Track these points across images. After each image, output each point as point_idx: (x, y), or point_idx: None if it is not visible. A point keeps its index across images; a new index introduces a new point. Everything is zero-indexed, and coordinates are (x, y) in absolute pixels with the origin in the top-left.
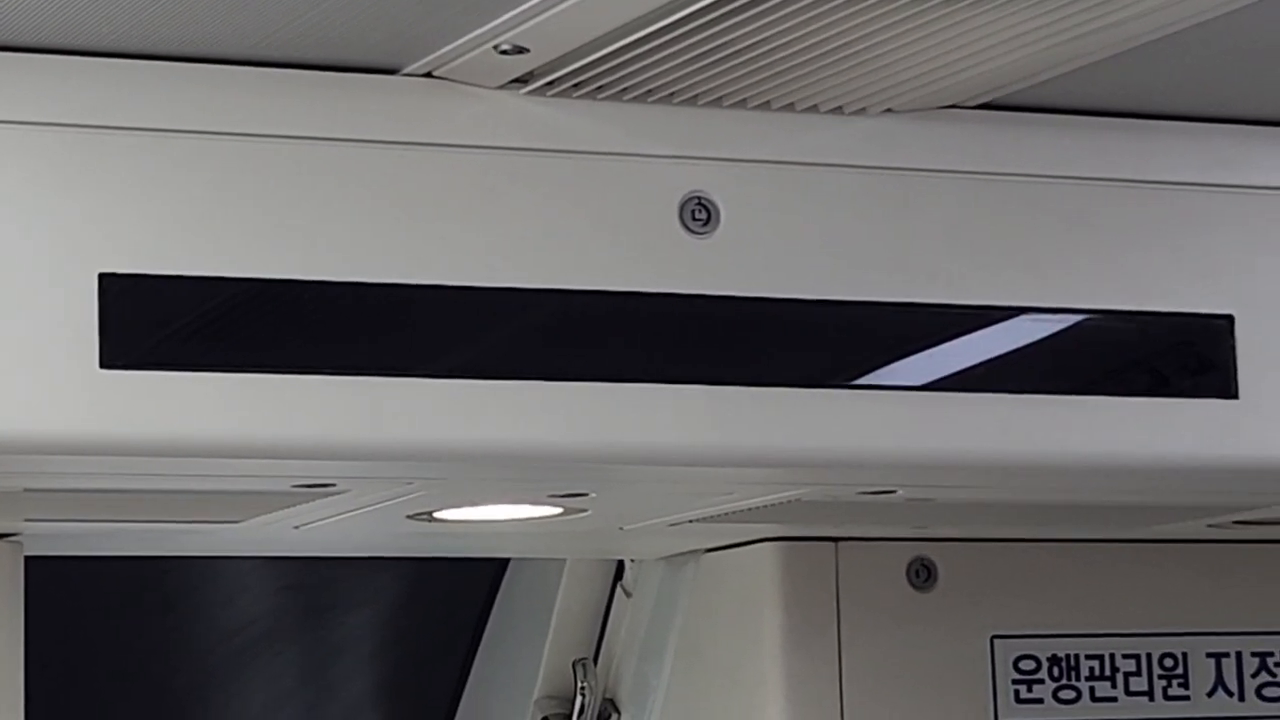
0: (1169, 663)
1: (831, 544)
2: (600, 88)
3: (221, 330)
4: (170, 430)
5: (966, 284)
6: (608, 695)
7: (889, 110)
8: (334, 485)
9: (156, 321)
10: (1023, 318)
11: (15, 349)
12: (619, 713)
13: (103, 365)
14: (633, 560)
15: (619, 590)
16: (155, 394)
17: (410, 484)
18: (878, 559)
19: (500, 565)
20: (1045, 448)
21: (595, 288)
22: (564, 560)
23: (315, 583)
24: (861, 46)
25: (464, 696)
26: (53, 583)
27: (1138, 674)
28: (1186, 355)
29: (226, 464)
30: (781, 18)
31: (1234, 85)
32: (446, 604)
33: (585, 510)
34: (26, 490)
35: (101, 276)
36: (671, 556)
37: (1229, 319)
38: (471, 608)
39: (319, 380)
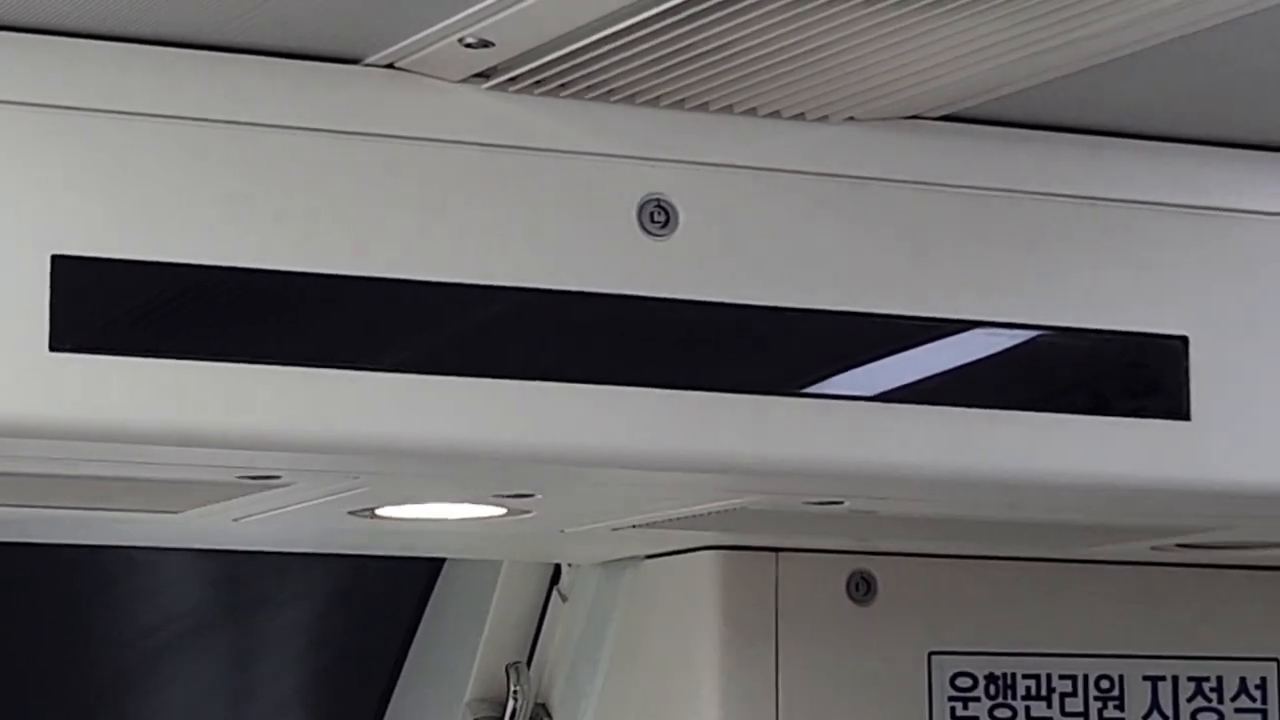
0: (1105, 684)
1: (772, 554)
2: (563, 85)
3: (173, 316)
4: (118, 415)
5: (921, 296)
6: (540, 700)
7: (851, 119)
8: (279, 477)
9: (108, 305)
10: (977, 331)
11: None
12: (551, 718)
13: (52, 348)
14: (569, 565)
15: (555, 594)
16: (104, 378)
17: (356, 479)
18: (818, 571)
19: (434, 566)
20: (995, 463)
21: (551, 286)
22: (500, 563)
23: (245, 578)
24: (825, 54)
25: (394, 697)
26: None
27: (1074, 694)
28: (1139, 375)
29: (172, 452)
30: (746, 22)
31: (1196, 106)
32: (379, 603)
33: (529, 512)
34: None
35: (54, 258)
36: (609, 562)
37: (1183, 340)
38: (404, 608)
39: (268, 370)
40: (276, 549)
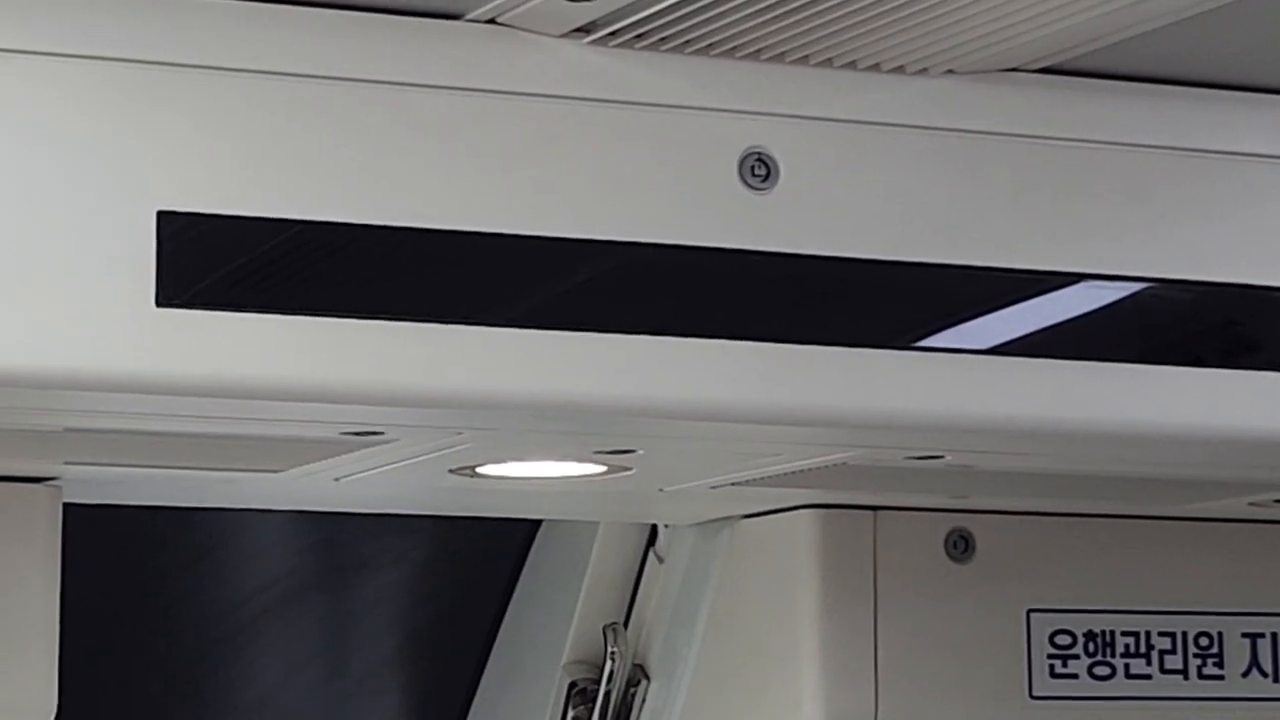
0: (1204, 642)
1: (870, 513)
2: (663, 39)
3: (278, 272)
4: (224, 370)
5: (1023, 248)
6: (637, 661)
7: (950, 71)
8: (382, 434)
9: (214, 261)
10: (1079, 284)
11: (71, 284)
12: (649, 679)
13: (159, 304)
14: (666, 525)
15: (651, 555)
16: (211, 333)
17: (459, 434)
18: (916, 529)
19: (531, 528)
20: (1097, 415)
21: (653, 240)
22: (596, 524)
23: (344, 541)
24: (923, 5)
25: (490, 659)
26: (83, 530)
27: (1173, 652)
28: (1243, 327)
29: (277, 407)
30: None
31: None
32: (476, 566)
33: (629, 469)
34: (68, 430)
35: (160, 214)
36: (706, 523)
37: None
38: (501, 570)
39: (373, 325)
40: (376, 510)
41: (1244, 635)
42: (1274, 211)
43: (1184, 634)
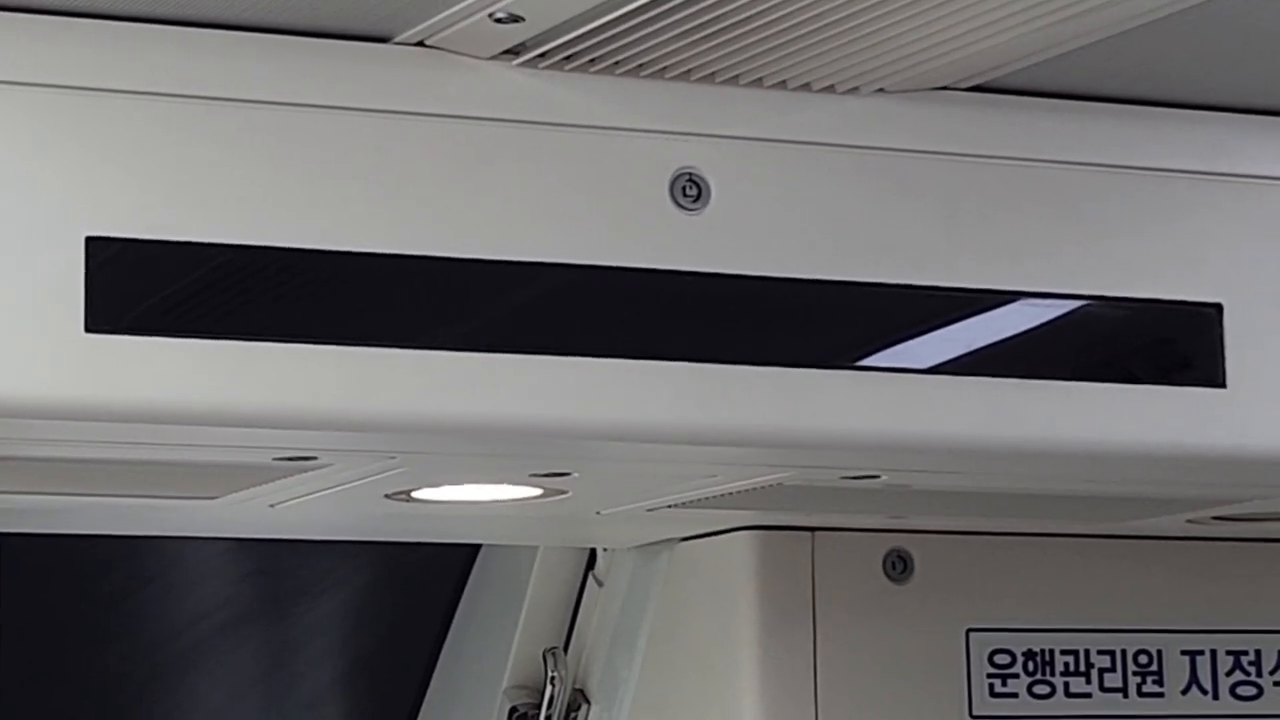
0: (1144, 659)
1: (808, 534)
2: (593, 60)
3: (208, 297)
4: (155, 396)
5: (954, 267)
6: (578, 685)
7: (881, 90)
8: (315, 458)
9: (143, 286)
10: (1013, 303)
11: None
12: (589, 703)
13: (88, 329)
14: (605, 549)
15: (591, 579)
16: (141, 359)
17: (393, 458)
18: (854, 550)
19: (470, 553)
20: (1032, 433)
21: (585, 262)
22: (535, 549)
23: (282, 568)
24: (854, 24)
25: (431, 685)
26: (17, 561)
27: (1112, 670)
28: (1175, 343)
29: (209, 433)
30: None
31: (1228, 72)
32: (415, 591)
33: (565, 492)
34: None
35: (88, 240)
36: (644, 546)
37: (1218, 307)
38: (440, 596)
39: (304, 349)
40: (313, 537)
41: (1183, 653)
42: (1205, 227)
43: (1123, 652)
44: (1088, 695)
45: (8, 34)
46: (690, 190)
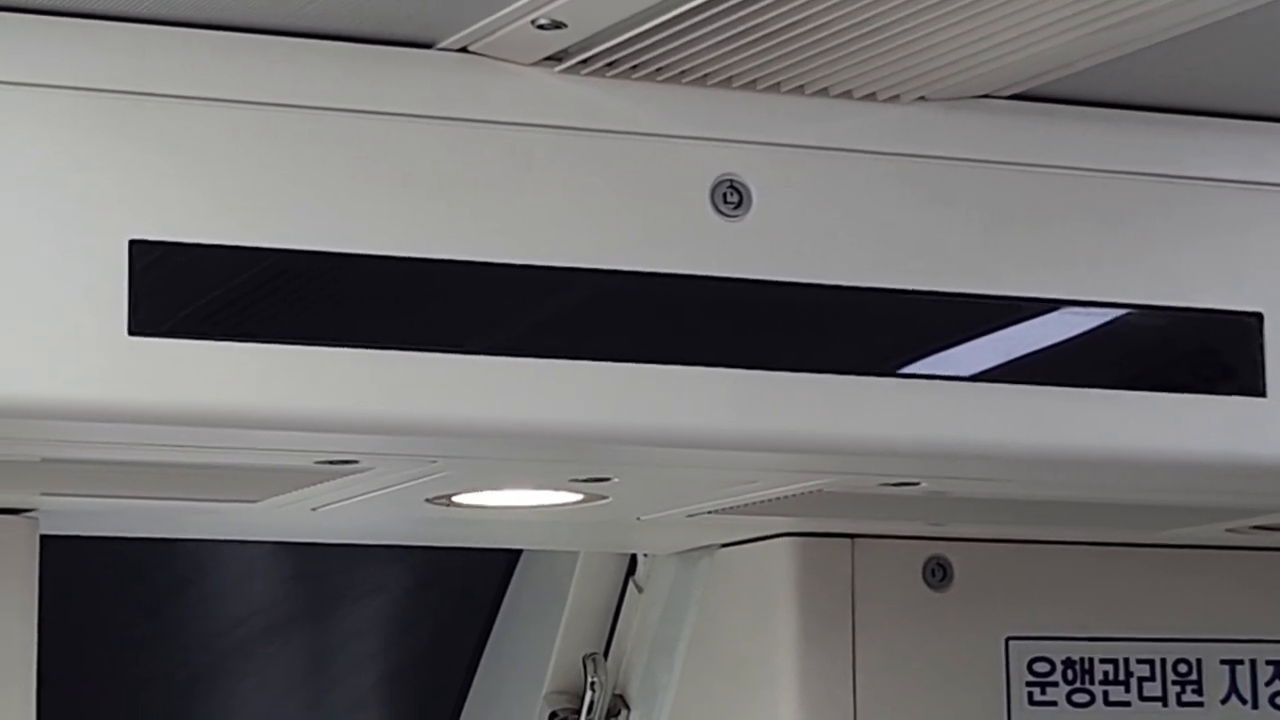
0: (1183, 668)
1: (848, 541)
2: (635, 67)
3: (251, 300)
4: (197, 399)
5: (994, 275)
6: (618, 691)
7: (922, 98)
8: (357, 462)
9: (186, 289)
10: (1055, 311)
11: (44, 314)
12: (629, 709)
13: (131, 332)
14: (645, 555)
15: (631, 585)
16: (183, 362)
17: (434, 463)
18: (894, 557)
19: (511, 559)
20: (1072, 441)
21: (625, 268)
22: (576, 554)
23: (324, 572)
24: (896, 32)
25: (472, 690)
26: (60, 563)
27: (1152, 679)
28: (1215, 352)
29: (251, 435)
30: (817, 1)
31: (1270, 81)
32: (457, 596)
33: (605, 497)
34: (45, 461)
35: (132, 243)
36: (685, 552)
37: (1259, 317)
38: (482, 601)
39: (346, 353)
40: (354, 541)
41: (1223, 662)
42: (1247, 237)
43: (1163, 661)
44: (1127, 704)
45: (53, 39)
46: (731, 197)
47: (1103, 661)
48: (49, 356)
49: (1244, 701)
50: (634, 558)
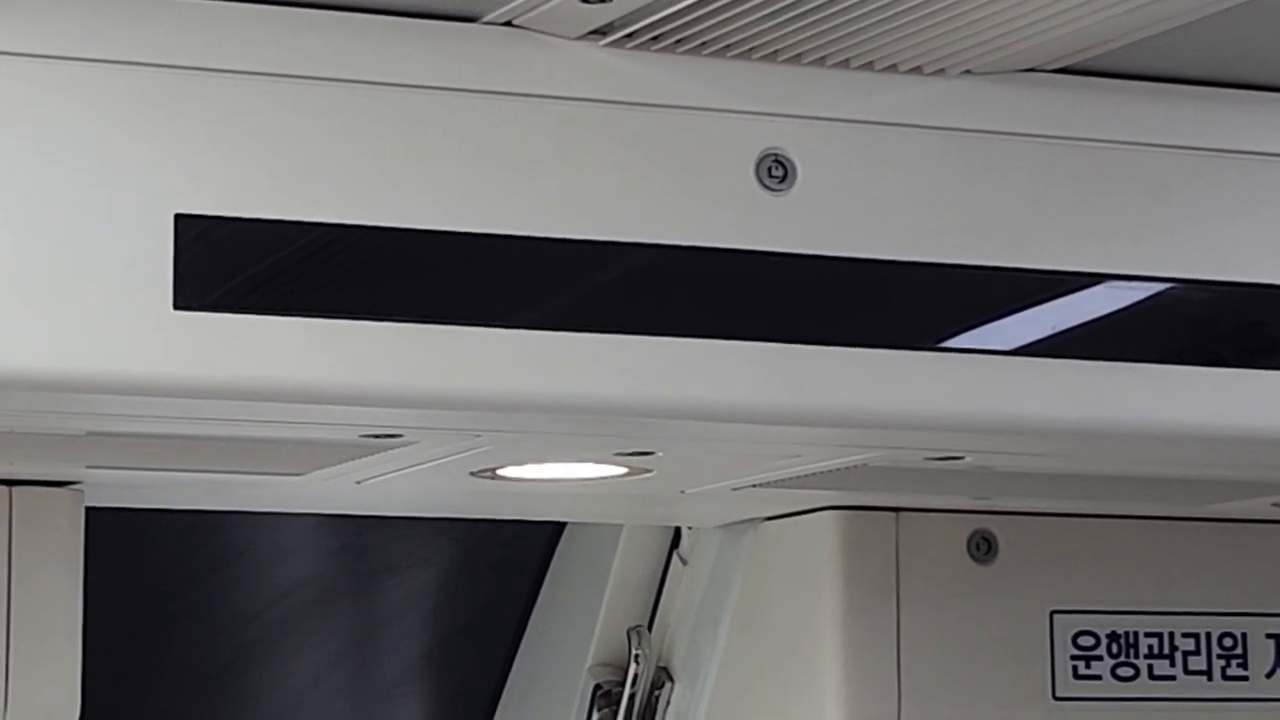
0: (1228, 643)
1: (892, 514)
2: (679, 41)
3: (296, 274)
4: (242, 373)
5: (1044, 249)
6: (661, 664)
7: (968, 72)
8: (401, 435)
9: (232, 264)
10: (1100, 285)
11: (89, 288)
12: (673, 681)
13: (176, 306)
14: (690, 528)
15: (675, 558)
16: (228, 336)
17: (478, 436)
18: (938, 531)
19: (555, 531)
20: (1116, 415)
21: (669, 242)
22: (620, 527)
23: (369, 545)
24: (942, 5)
25: (516, 662)
26: (106, 534)
27: (1196, 653)
28: (1262, 326)
29: (296, 409)
30: None
31: None
32: (501, 569)
33: (649, 471)
34: (90, 434)
35: (177, 217)
36: (729, 525)
37: None
38: (526, 574)
39: (391, 327)
40: (399, 513)
41: (1268, 636)
42: None
43: (1208, 635)
44: (1172, 678)
45: (102, 12)
46: (776, 171)
47: (1147, 635)
48: (94, 331)
49: None
50: (678, 530)
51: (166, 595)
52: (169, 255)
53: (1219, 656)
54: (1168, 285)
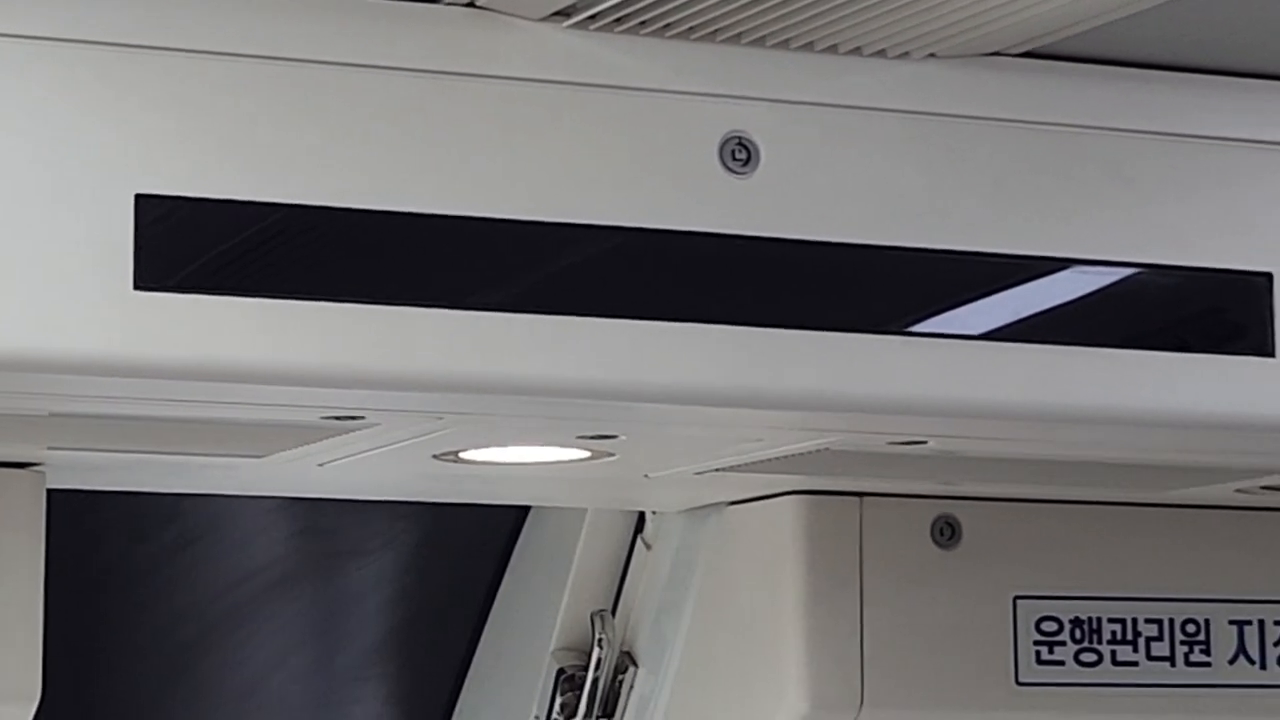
0: (1191, 628)
1: (856, 499)
2: (643, 23)
3: (257, 255)
4: (203, 354)
5: (1008, 234)
6: (625, 648)
7: (932, 55)
8: (364, 418)
9: (192, 244)
10: (1064, 270)
11: (49, 268)
12: (636, 665)
13: (137, 286)
14: (654, 512)
15: (639, 543)
16: (189, 317)
17: (440, 419)
18: (902, 516)
19: (519, 515)
20: (1080, 400)
21: (633, 224)
22: (584, 511)
23: (331, 528)
24: None
25: (479, 646)
26: (67, 517)
27: (1159, 639)
28: (1225, 312)
29: (257, 390)
30: None
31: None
32: (464, 553)
33: (612, 454)
34: (52, 415)
35: (138, 197)
36: (693, 509)
37: (1268, 276)
38: (489, 558)
39: (353, 308)
40: (361, 496)
41: (1231, 622)
42: (1258, 196)
43: (1171, 621)
44: (1134, 664)
45: None
46: (740, 154)
47: (1111, 621)
48: (55, 311)
49: (1252, 662)
50: (642, 515)
51: (127, 579)
52: (129, 236)
53: (1182, 642)
54: (1132, 270)
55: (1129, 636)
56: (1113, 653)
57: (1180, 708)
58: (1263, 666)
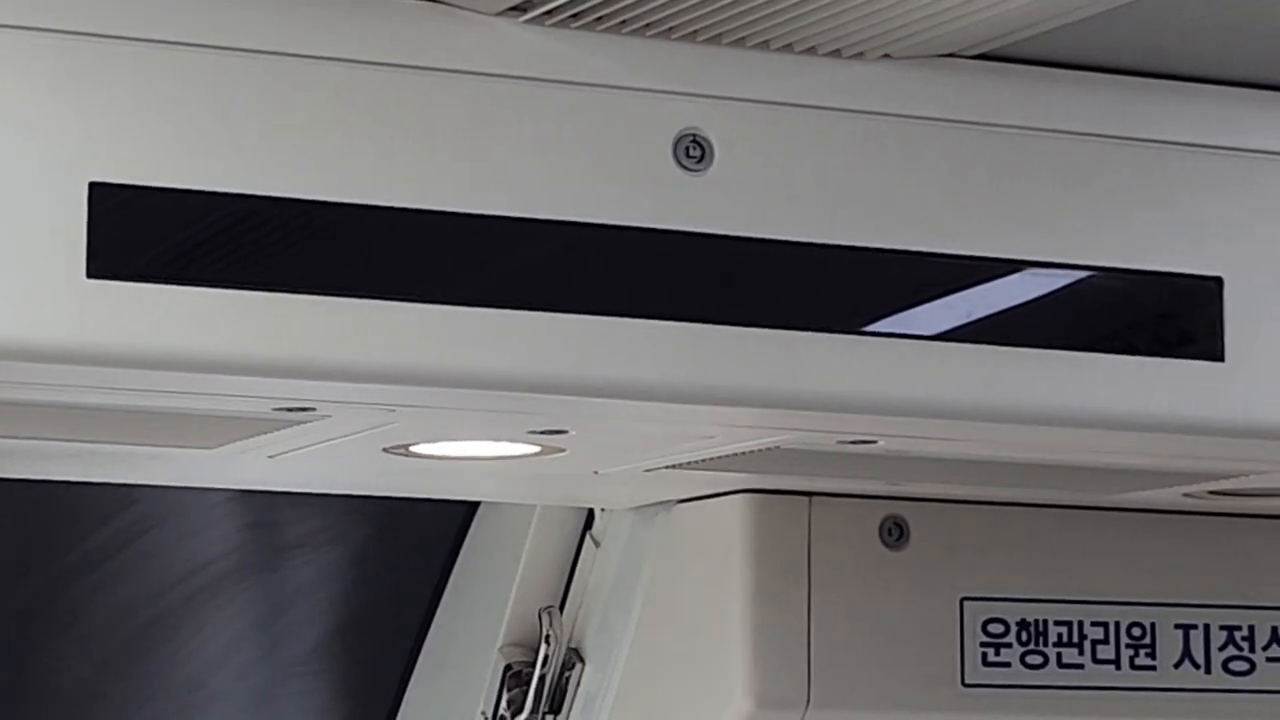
0: (1137, 632)
1: (805, 499)
2: (599, 19)
3: (211, 245)
4: (155, 343)
5: (958, 235)
6: (573, 645)
7: (887, 56)
8: (314, 410)
9: (146, 233)
10: (1013, 272)
11: (1, 254)
12: (584, 662)
13: (89, 275)
14: (603, 510)
15: (588, 540)
16: (141, 306)
17: (391, 412)
18: (850, 515)
19: (469, 510)
20: (1031, 402)
21: (586, 220)
22: (533, 508)
23: (280, 521)
24: None
25: (427, 642)
26: (14, 507)
27: (1105, 642)
28: (1175, 316)
29: (208, 380)
30: None
31: (1234, 46)
32: (413, 549)
33: (562, 450)
34: (0, 402)
35: (92, 185)
36: (642, 507)
37: (1218, 281)
38: (438, 553)
39: (305, 300)
40: (311, 489)
41: (1176, 626)
42: (1208, 201)
43: (1117, 624)
44: (1080, 666)
45: None
46: (693, 151)
47: (1057, 624)
48: (6, 298)
49: (1196, 666)
50: (591, 512)
51: (75, 570)
52: (83, 223)
53: (1127, 646)
54: (1083, 273)
55: (1075, 639)
56: (1059, 655)
57: (1125, 710)
58: (1207, 671)
